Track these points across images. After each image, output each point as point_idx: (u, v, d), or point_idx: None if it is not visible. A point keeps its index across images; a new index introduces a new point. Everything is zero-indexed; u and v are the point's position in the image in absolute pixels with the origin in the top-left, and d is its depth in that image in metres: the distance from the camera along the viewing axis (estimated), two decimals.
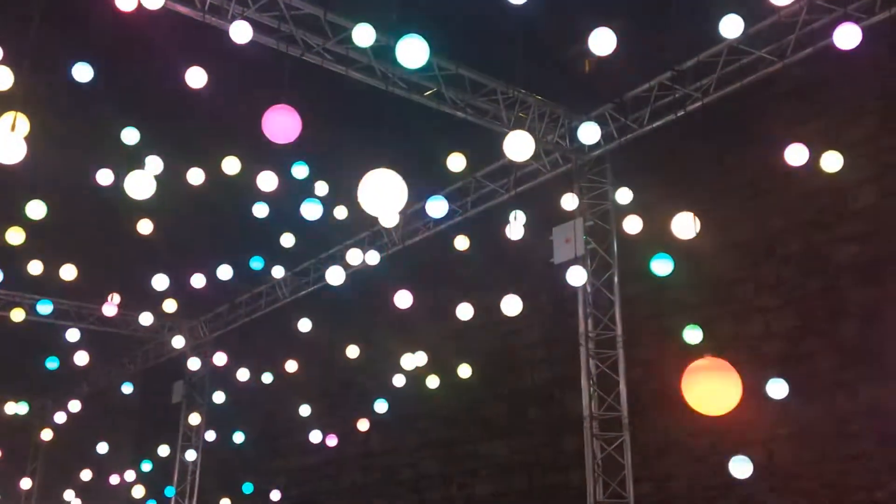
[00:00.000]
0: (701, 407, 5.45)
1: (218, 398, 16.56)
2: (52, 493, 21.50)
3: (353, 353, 14.03)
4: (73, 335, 14.95)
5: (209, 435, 17.84)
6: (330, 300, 15.14)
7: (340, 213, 11.40)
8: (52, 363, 16.15)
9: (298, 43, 9.52)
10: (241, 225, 12.15)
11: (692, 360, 5.65)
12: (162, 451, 18.20)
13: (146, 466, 18.67)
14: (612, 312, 11.29)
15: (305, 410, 15.26)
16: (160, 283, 12.28)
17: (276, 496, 16.70)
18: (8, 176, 8.11)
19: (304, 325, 13.69)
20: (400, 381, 12.87)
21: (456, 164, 10.01)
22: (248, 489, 16.67)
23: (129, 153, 9.29)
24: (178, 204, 11.05)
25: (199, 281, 13.04)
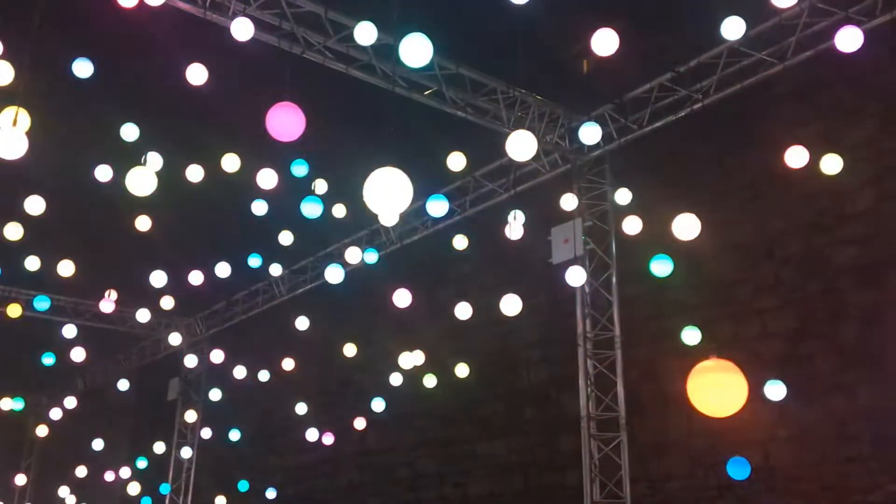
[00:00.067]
0: (706, 408, 5.44)
1: (214, 395, 16.53)
2: (46, 489, 21.40)
3: (350, 351, 14.04)
4: (69, 331, 14.95)
5: (205, 432, 17.82)
6: (328, 298, 15.11)
7: (339, 211, 11.39)
8: (48, 359, 16.09)
9: (299, 41, 9.51)
10: (239, 222, 12.14)
11: (691, 361, 5.64)
12: (157, 448, 18.15)
13: (141, 463, 18.59)
14: (610, 313, 11.28)
15: (302, 408, 15.27)
16: (158, 279, 12.28)
17: (271, 494, 16.65)
18: (7, 171, 8.08)
19: (301, 322, 13.64)
20: (397, 379, 12.87)
21: (456, 163, 10.01)
22: (243, 487, 16.60)
23: (128, 150, 9.28)
24: (176, 201, 11.02)
25: (196, 278, 13.03)
